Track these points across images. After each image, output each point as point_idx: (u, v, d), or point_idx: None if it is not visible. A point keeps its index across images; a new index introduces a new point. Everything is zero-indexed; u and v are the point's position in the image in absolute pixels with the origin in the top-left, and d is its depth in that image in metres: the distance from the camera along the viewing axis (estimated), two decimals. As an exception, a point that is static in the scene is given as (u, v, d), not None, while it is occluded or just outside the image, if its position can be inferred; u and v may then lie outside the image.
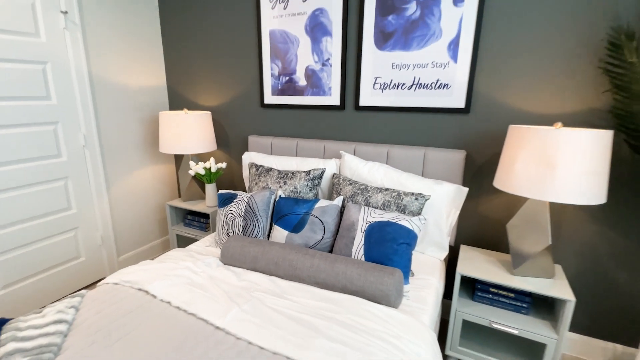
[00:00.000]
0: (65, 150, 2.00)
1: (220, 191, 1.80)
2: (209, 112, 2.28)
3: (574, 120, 1.49)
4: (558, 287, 1.36)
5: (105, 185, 2.22)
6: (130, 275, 1.38)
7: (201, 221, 2.33)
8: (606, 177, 1.21)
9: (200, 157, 2.54)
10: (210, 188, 2.23)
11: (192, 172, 2.18)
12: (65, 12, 1.92)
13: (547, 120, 1.53)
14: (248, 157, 2.12)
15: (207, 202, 2.25)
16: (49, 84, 1.90)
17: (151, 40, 2.42)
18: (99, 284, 1.39)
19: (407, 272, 1.37)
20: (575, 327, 1.67)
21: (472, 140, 1.70)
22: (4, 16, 1.68)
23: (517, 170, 1.28)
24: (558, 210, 1.59)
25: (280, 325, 1.08)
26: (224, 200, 1.76)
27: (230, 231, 1.67)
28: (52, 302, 2.03)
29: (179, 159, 2.73)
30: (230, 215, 1.69)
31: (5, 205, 1.77)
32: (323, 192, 1.89)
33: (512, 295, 1.48)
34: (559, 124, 1.26)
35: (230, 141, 2.45)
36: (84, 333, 1.06)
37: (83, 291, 1.31)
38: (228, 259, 1.49)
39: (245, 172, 2.16)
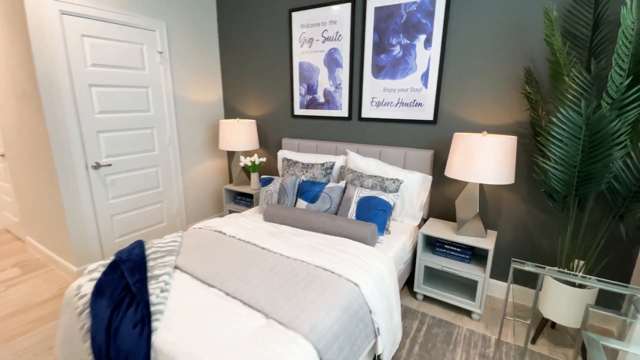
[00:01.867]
0: (157, 147, 2.91)
1: (263, 176, 2.61)
2: (254, 121, 3.11)
3: (505, 129, 2.13)
4: (484, 242, 2.02)
5: (180, 172, 3.12)
6: (208, 223, 2.22)
7: (247, 200, 3.16)
8: (512, 166, 1.86)
9: (246, 153, 3.39)
10: (254, 176, 3.06)
11: (242, 164, 3.02)
12: (161, 52, 2.83)
13: (486, 128, 2.18)
14: (282, 154, 2.93)
15: (252, 186, 3.08)
16: (149, 101, 2.81)
17: (212, 69, 3.30)
18: (188, 228, 2.23)
19: (382, 227, 2.09)
20: (503, 277, 2.30)
21: (438, 143, 2.38)
22: (126, 58, 2.60)
23: (454, 162, 1.96)
24: (492, 192, 2.23)
25: (299, 248, 1.85)
26: (265, 182, 2.57)
27: (269, 202, 2.47)
28: (145, 251, 2.94)
29: (231, 155, 3.60)
30: (269, 191, 2.49)
31: (124, 182, 2.69)
32: (333, 178, 2.64)
33: (458, 249, 2.15)
34: (485, 132, 1.93)
35: (268, 142, 3.27)
36: (188, 247, 1.88)
37: (180, 232, 2.16)
38: (268, 218, 2.28)
39: (279, 164, 2.96)
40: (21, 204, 2.98)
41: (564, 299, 1.71)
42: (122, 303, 1.35)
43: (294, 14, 2.80)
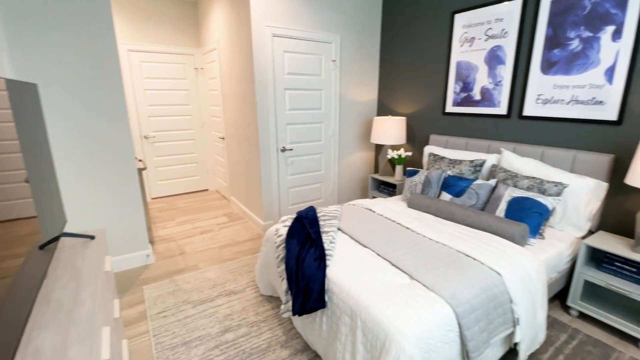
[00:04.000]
0: (323, 138, 3.57)
1: (409, 168, 2.87)
2: (404, 118, 3.39)
3: None
4: (677, 266, 1.69)
5: (337, 160, 3.72)
6: (360, 202, 2.65)
7: (389, 189, 3.49)
8: None
9: (393, 147, 3.71)
10: (399, 168, 3.35)
11: (389, 157, 3.36)
12: (334, 60, 3.44)
13: (703, 133, 1.78)
14: (429, 149, 3.10)
15: (396, 177, 3.38)
16: (322, 101, 3.47)
17: (372, 73, 3.74)
18: (344, 204, 2.72)
19: (534, 230, 2.02)
20: None
21: (620, 146, 2.07)
22: (309, 67, 3.29)
23: (640, 168, 1.72)
24: None
25: (441, 233, 2.03)
26: (411, 174, 2.82)
27: (413, 191, 2.71)
28: (305, 221, 3.68)
29: (379, 148, 4.00)
30: (414, 182, 2.73)
31: (298, 163, 3.45)
32: (482, 176, 2.65)
33: (633, 269, 1.86)
34: (692, 135, 1.62)
35: (415, 137, 3.49)
36: (346, 216, 2.34)
37: (339, 205, 2.66)
38: (411, 205, 2.54)
39: (424, 159, 3.14)
40: (230, 173, 4.19)
41: None
42: (306, 244, 1.89)
43: (457, 16, 2.90)
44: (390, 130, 3.33)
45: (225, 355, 1.79)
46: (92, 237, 1.48)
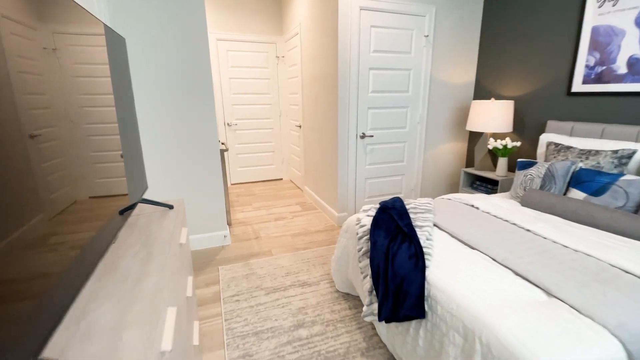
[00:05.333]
0: (408, 125, 3.19)
1: (520, 160, 2.33)
2: (512, 101, 2.82)
3: None
4: None
5: (423, 150, 3.31)
6: (457, 196, 2.24)
7: (487, 186, 2.96)
8: None
9: (495, 136, 3.14)
10: (502, 161, 2.80)
11: (490, 147, 2.84)
12: (427, 36, 3.03)
13: None
14: (546, 137, 2.51)
15: (498, 172, 2.84)
16: (409, 83, 3.10)
17: (470, 50, 3.22)
18: (436, 198, 2.34)
19: None
20: None
21: None
22: (398, 43, 2.95)
23: None
24: None
25: (578, 239, 1.54)
26: (524, 166, 2.29)
27: (527, 187, 2.19)
28: (383, 216, 3.35)
29: (473, 138, 3.46)
30: (530, 176, 2.20)
31: (378, 152, 3.14)
32: (629, 171, 2.01)
33: None
34: None
35: (525, 124, 2.89)
36: (441, 211, 1.96)
37: (429, 199, 2.28)
38: (527, 203, 2.04)
39: (540, 150, 2.55)
40: (305, 162, 4.08)
41: None
42: (397, 238, 1.59)
43: (599, -34, 2.25)
44: (494, 116, 2.80)
45: (298, 354, 1.59)
46: (170, 207, 1.40)
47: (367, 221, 1.85)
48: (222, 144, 3.26)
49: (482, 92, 3.28)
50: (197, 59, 2.40)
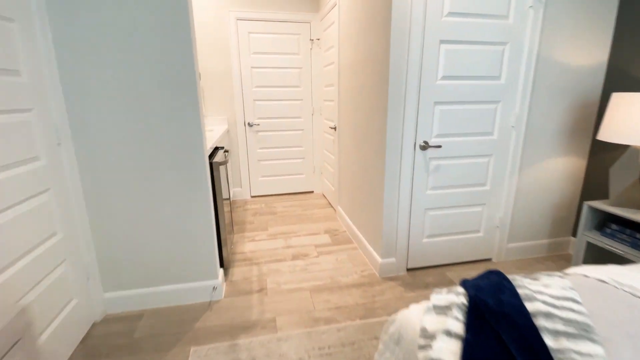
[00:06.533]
0: (497, 129, 2.08)
1: None
2: (700, 92, 1.60)
3: None
4: None
5: (517, 168, 2.17)
6: (618, 276, 1.13)
7: (637, 236, 1.76)
8: None
9: (644, 154, 1.92)
10: (678, 197, 1.60)
11: (653, 171, 1.64)
12: (532, 7, 1.90)
13: None
14: None
15: (668, 215, 1.64)
16: (502, 65, 1.99)
17: (601, 17, 2.02)
18: (566, 271, 1.25)
19: None
20: None
21: None
22: (487, 4, 1.86)
23: None
24: None
25: None
26: None
27: None
28: (450, 264, 2.28)
29: (602, 152, 2.23)
30: None
31: (448, 170, 2.07)
32: None
33: None
34: None
35: None
36: (603, 324, 0.89)
37: (561, 275, 1.20)
38: None
39: None
40: (340, 175, 3.12)
41: None
42: None
43: None
44: (661, 118, 1.60)
45: None
46: None
47: (444, 344, 0.85)
48: (226, 151, 2.42)
49: (618, 81, 2.06)
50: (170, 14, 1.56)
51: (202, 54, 3.44)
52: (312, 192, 4.15)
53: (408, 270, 2.24)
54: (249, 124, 3.76)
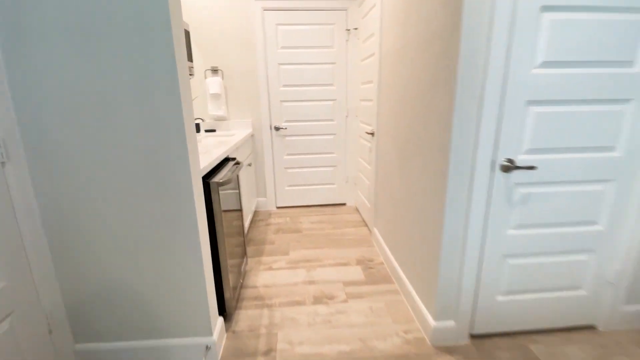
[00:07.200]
0: (620, 142, 1.38)
1: None
2: None
3: None
4: None
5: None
6: None
7: None
8: None
9: None
10: None
11: None
12: None
13: None
14: None
15: None
16: (636, 46, 1.30)
17: None
18: None
19: None
20: None
21: None
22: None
23: None
24: None
25: None
26: None
27: None
28: (534, 331, 1.61)
29: None
30: None
31: (535, 202, 1.42)
32: None
33: None
34: None
35: None
36: None
37: None
38: None
39: None
40: (377, 190, 2.53)
41: None
42: None
43: None
44: None
45: None
46: None
47: None
48: (237, 163, 1.94)
49: None
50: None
51: (223, 50, 3.04)
52: (345, 204, 3.59)
53: (472, 337, 1.60)
54: (275, 127, 3.30)
